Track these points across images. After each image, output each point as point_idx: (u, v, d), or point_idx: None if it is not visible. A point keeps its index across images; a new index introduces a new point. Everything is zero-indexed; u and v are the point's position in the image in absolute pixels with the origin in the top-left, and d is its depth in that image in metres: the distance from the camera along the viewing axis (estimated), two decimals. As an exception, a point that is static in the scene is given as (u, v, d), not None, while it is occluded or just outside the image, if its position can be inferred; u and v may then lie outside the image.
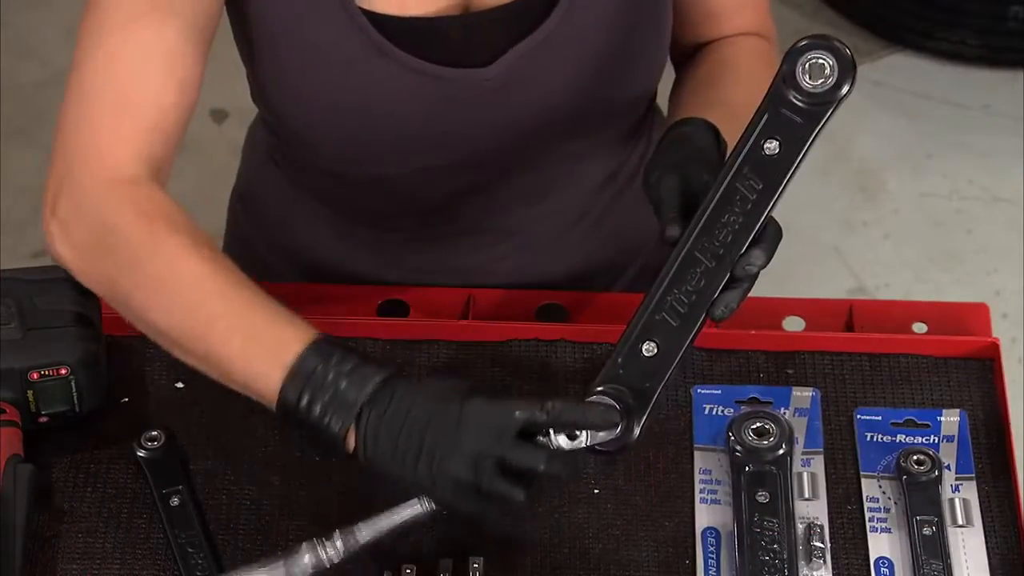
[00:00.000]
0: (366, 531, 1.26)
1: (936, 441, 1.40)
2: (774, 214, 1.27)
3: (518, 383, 1.44)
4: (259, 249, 1.65)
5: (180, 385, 1.43)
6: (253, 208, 1.66)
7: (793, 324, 1.50)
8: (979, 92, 3.03)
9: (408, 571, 1.31)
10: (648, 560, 1.33)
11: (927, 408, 1.42)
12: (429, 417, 1.22)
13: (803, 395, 1.43)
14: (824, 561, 1.32)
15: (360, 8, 1.38)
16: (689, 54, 1.56)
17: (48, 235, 1.33)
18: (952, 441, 1.40)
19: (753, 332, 1.45)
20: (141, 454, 1.37)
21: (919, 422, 1.41)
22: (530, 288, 1.55)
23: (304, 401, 1.23)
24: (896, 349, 1.46)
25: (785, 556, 1.31)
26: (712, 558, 1.33)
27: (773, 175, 1.25)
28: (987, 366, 1.45)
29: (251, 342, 1.26)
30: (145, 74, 1.33)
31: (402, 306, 1.52)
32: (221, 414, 1.41)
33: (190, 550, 1.32)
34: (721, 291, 1.26)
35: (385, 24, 1.40)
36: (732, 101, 1.44)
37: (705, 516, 1.36)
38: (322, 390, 1.23)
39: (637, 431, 1.25)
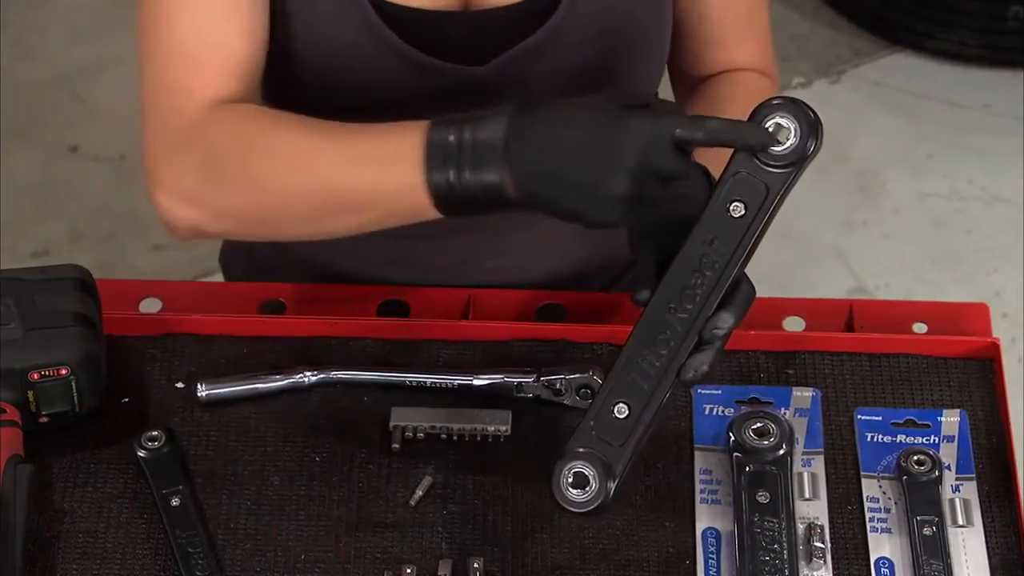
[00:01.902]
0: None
1: (936, 441, 1.40)
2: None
3: (518, 383, 1.44)
4: (255, 245, 1.65)
5: (180, 385, 1.43)
6: None
7: (793, 324, 1.50)
8: (979, 92, 3.03)
9: (408, 571, 1.31)
10: (648, 560, 1.33)
11: (927, 408, 1.42)
12: (587, 136, 1.21)
13: (803, 395, 1.43)
14: (824, 561, 1.32)
15: None
16: (691, 88, 1.55)
17: (160, 209, 1.35)
18: (952, 441, 1.40)
19: (753, 332, 1.45)
20: (141, 454, 1.37)
21: (919, 422, 1.41)
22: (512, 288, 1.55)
23: (452, 176, 1.24)
24: (896, 349, 1.46)
25: (785, 556, 1.31)
26: (712, 558, 1.33)
27: (740, 238, 1.25)
28: (987, 366, 1.45)
29: (377, 167, 1.27)
30: (210, 29, 1.36)
31: (402, 306, 1.53)
32: (221, 414, 1.41)
33: (190, 550, 1.32)
34: (691, 353, 1.25)
35: (385, 10, 1.40)
36: None
37: (705, 516, 1.36)
38: (462, 155, 1.23)
39: (611, 491, 1.24)
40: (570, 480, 1.24)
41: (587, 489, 1.24)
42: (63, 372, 1.35)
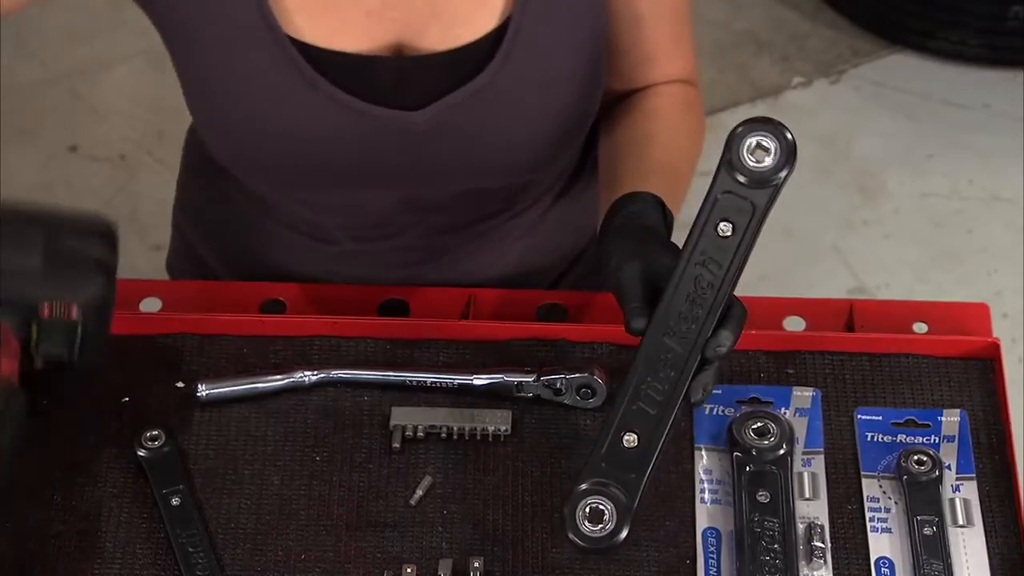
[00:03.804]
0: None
1: (936, 441, 1.40)
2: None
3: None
4: (207, 259, 1.67)
5: (180, 385, 1.43)
6: (193, 215, 1.68)
7: (793, 324, 1.50)
8: (979, 92, 3.03)
9: (408, 571, 1.31)
10: (648, 560, 1.33)
11: (927, 408, 1.42)
12: None
13: (804, 395, 1.43)
14: (824, 561, 1.32)
15: (288, 37, 1.38)
16: (613, 102, 1.56)
17: None
18: (952, 441, 1.40)
19: (753, 332, 1.45)
20: (141, 454, 1.37)
21: (919, 422, 1.41)
22: None
23: None
24: (896, 349, 1.46)
25: (785, 556, 1.31)
26: (713, 558, 1.33)
27: (729, 256, 1.26)
28: (987, 366, 1.45)
29: None
30: None
31: (402, 306, 1.53)
32: (221, 414, 1.41)
33: (191, 550, 1.32)
34: (695, 374, 1.26)
35: (315, 56, 1.40)
36: (668, 161, 1.45)
37: (706, 516, 1.36)
38: None
39: (625, 531, 1.24)
40: (586, 515, 1.24)
41: (604, 523, 1.24)
42: (73, 313, 1.31)
